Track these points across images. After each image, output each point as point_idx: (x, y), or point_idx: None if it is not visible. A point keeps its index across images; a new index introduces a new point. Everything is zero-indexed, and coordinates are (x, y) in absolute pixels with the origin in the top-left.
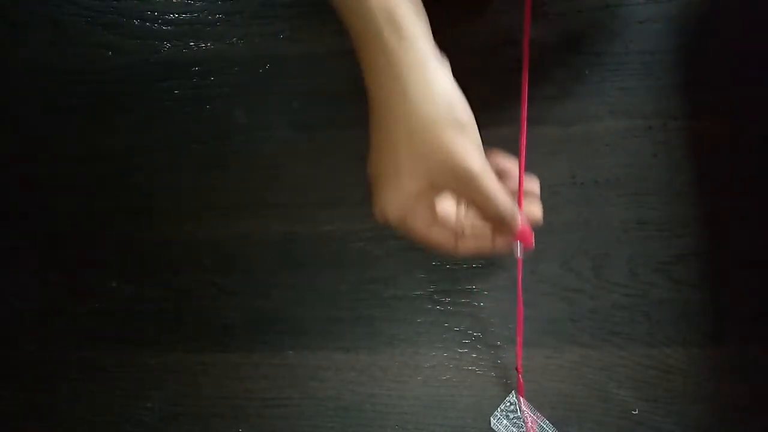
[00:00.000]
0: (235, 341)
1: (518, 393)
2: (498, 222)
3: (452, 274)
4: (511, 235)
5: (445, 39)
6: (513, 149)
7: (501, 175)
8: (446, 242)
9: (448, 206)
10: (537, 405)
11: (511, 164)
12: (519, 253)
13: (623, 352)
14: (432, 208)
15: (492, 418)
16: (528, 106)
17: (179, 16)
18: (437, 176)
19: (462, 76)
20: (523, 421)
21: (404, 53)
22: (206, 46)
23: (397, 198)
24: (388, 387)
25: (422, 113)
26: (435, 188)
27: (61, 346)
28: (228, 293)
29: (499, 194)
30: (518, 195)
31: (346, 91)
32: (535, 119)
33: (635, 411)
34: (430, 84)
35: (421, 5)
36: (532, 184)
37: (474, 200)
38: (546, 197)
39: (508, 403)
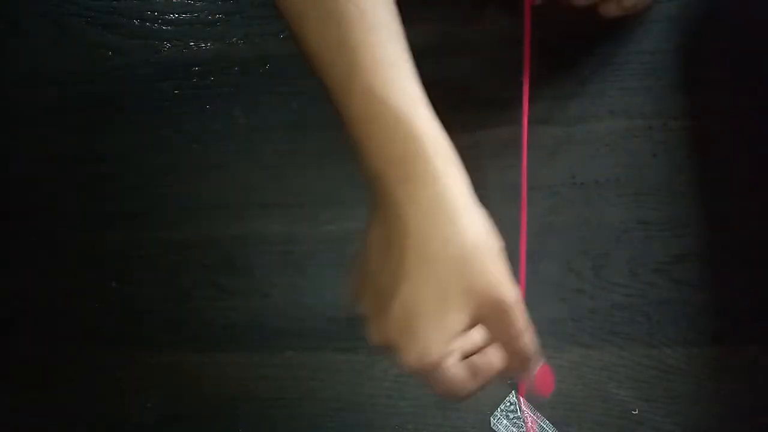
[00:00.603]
0: (235, 341)
1: (518, 393)
2: (521, 356)
3: None
4: (528, 372)
5: (445, 39)
6: (513, 149)
7: None
8: (466, 383)
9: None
10: (537, 405)
11: None
12: (521, 379)
13: (623, 352)
14: (460, 346)
15: (492, 418)
16: (528, 107)
17: (179, 16)
18: (482, 309)
19: (462, 76)
20: (523, 421)
21: (452, 178)
22: (206, 46)
23: (442, 338)
24: (388, 387)
25: (474, 242)
26: (473, 323)
27: (61, 346)
28: (228, 293)
29: (530, 331)
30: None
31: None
32: (535, 119)
33: (635, 411)
34: (474, 209)
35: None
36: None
37: (507, 332)
38: (546, 197)
39: (508, 403)
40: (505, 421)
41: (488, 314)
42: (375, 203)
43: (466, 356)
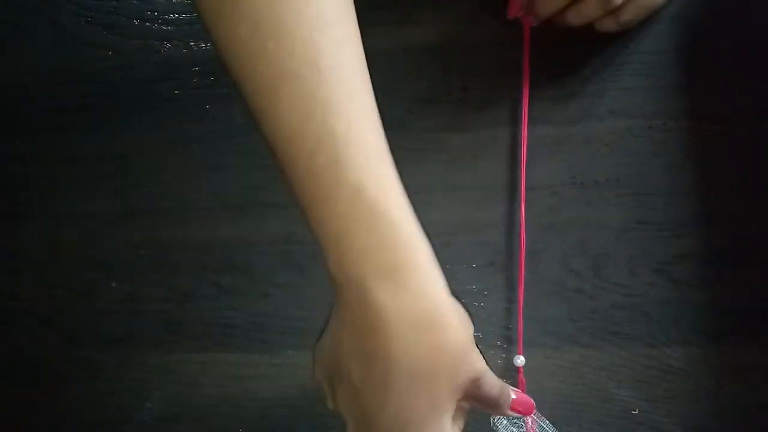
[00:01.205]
0: (235, 341)
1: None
2: (496, 405)
3: (452, 274)
4: (506, 410)
5: (445, 39)
6: (513, 149)
7: None
8: None
9: None
10: (537, 405)
11: None
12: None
13: (623, 352)
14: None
15: (492, 418)
16: (528, 106)
17: (179, 16)
18: (463, 394)
19: (462, 76)
20: (523, 421)
21: (437, 284)
22: (206, 46)
23: None
24: None
25: (461, 346)
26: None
27: (61, 346)
28: (228, 293)
29: (496, 379)
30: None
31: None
32: (535, 119)
33: (635, 411)
34: (456, 310)
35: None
36: None
37: (482, 394)
38: (546, 197)
39: None
40: (505, 421)
41: (470, 393)
42: (346, 305)
43: None
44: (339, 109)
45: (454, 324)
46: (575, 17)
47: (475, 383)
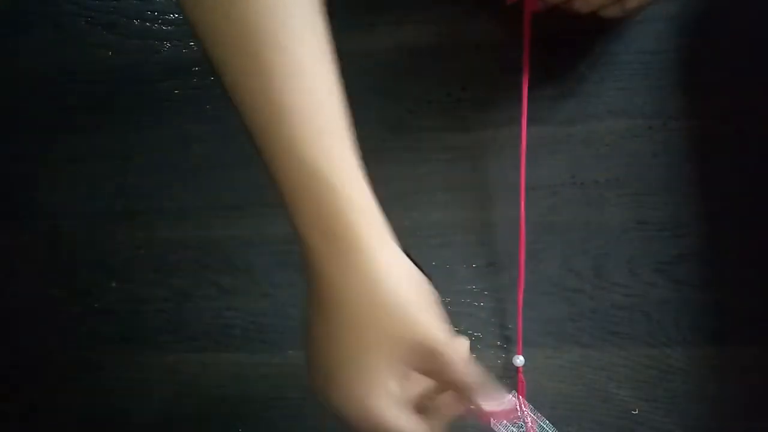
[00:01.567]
0: (235, 341)
1: (518, 393)
2: (465, 389)
3: (452, 274)
4: (477, 401)
5: (445, 39)
6: (513, 149)
7: None
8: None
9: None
10: (537, 405)
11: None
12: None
13: (623, 352)
14: (401, 394)
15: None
16: (528, 106)
17: (179, 16)
18: (417, 357)
19: (462, 76)
20: (523, 421)
21: (384, 252)
22: None
23: (375, 390)
24: None
25: (402, 302)
26: (407, 371)
27: (61, 346)
28: (228, 293)
29: (468, 362)
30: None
31: (343, 90)
32: (535, 119)
33: (635, 411)
34: (400, 265)
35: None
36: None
37: (447, 373)
38: (546, 197)
39: None
40: (505, 421)
41: (426, 362)
42: (306, 266)
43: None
44: (293, 85)
45: (400, 284)
46: (582, 4)
47: (432, 354)
